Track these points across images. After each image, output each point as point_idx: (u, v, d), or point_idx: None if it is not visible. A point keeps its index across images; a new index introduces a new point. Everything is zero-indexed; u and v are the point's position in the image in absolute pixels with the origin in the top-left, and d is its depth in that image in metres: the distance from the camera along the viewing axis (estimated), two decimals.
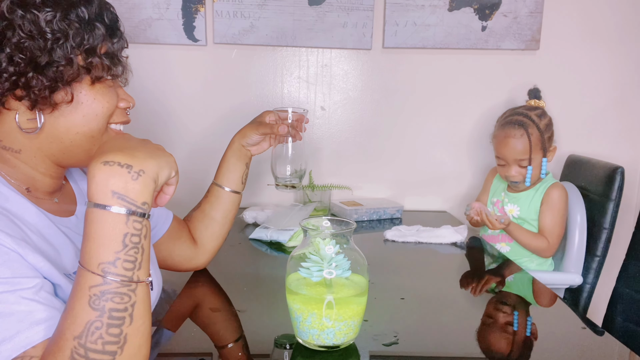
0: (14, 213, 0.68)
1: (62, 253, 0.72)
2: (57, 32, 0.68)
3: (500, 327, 0.95)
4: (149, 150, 0.65)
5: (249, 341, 0.87)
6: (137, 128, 2.05)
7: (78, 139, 0.74)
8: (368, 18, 1.79)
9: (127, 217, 0.60)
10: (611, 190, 1.53)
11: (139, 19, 1.74)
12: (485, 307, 1.05)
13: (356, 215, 1.71)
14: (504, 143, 1.54)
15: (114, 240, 0.59)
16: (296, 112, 1.13)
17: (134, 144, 0.66)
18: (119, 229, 0.60)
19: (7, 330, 0.58)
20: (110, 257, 0.59)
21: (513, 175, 1.55)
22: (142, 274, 0.62)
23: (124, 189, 0.60)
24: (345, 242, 0.80)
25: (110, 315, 0.58)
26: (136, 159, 0.62)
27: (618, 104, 1.92)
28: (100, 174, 0.60)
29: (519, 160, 1.52)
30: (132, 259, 0.60)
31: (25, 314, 0.60)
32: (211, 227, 1.10)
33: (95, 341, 0.57)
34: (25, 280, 0.61)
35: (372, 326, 0.90)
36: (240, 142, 1.11)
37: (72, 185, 0.87)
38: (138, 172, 0.61)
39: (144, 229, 0.62)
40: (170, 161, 0.67)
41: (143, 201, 0.62)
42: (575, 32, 1.87)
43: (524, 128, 1.51)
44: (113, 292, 0.59)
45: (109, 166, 0.61)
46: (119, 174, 0.60)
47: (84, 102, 0.73)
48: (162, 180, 0.66)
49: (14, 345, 0.58)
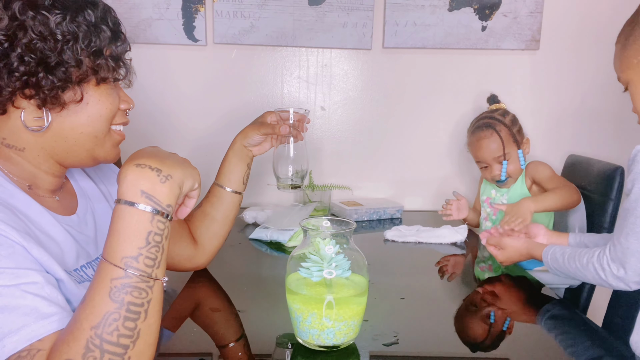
0: (18, 209, 0.69)
1: (65, 250, 0.74)
2: (67, 33, 0.70)
3: (500, 327, 0.95)
4: (176, 160, 0.70)
5: (249, 341, 0.87)
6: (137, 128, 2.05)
7: (82, 139, 0.76)
8: (368, 18, 1.79)
9: (152, 215, 0.63)
10: (611, 190, 1.53)
11: (139, 19, 1.74)
12: (485, 307, 1.05)
13: (356, 215, 1.71)
14: (477, 146, 1.60)
15: (138, 236, 0.62)
16: (297, 112, 1.13)
17: (164, 154, 0.70)
18: (143, 226, 0.63)
19: (14, 322, 0.59)
20: (133, 252, 0.62)
21: (497, 174, 1.59)
22: (159, 272, 0.64)
23: (152, 189, 0.64)
24: (345, 242, 0.80)
25: (128, 308, 0.60)
26: (165, 165, 0.66)
27: (618, 104, 1.92)
28: (131, 174, 0.64)
29: (497, 157, 1.57)
30: (153, 256, 0.63)
31: (31, 308, 0.60)
32: (212, 227, 1.11)
33: (112, 332, 0.59)
34: (30, 273, 0.62)
35: (372, 326, 0.90)
36: (242, 142, 1.11)
37: (73, 184, 0.87)
38: (166, 177, 0.65)
39: (166, 230, 0.65)
40: (194, 173, 0.71)
41: (168, 203, 0.65)
42: (575, 32, 1.87)
43: (492, 127, 1.58)
44: (133, 286, 0.61)
45: (141, 168, 0.64)
46: (148, 176, 0.64)
47: (90, 102, 0.75)
48: (186, 189, 0.69)
49: (20, 338, 0.59)
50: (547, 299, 1.10)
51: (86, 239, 0.81)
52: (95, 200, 0.89)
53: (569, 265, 1.07)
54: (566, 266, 1.08)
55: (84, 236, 0.80)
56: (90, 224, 0.84)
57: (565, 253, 1.09)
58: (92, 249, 0.81)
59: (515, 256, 1.22)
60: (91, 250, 0.80)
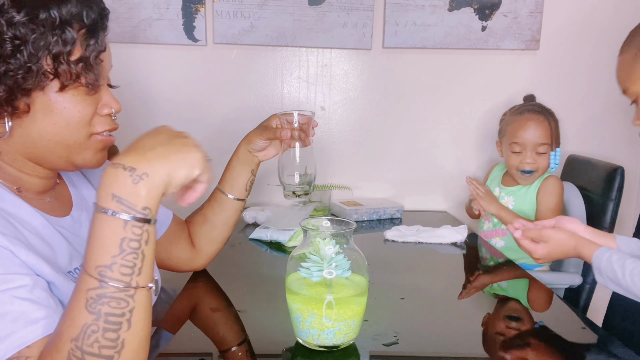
0: (8, 212, 0.68)
1: (57, 252, 0.72)
2: (19, 36, 0.64)
3: (500, 327, 0.95)
4: (165, 151, 0.62)
5: (249, 341, 0.87)
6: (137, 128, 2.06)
7: (52, 146, 0.71)
8: (368, 18, 1.79)
9: (124, 221, 0.58)
10: (611, 190, 1.53)
11: (139, 19, 1.74)
12: (485, 307, 1.05)
13: (356, 215, 1.71)
14: (524, 127, 1.54)
15: (111, 244, 0.58)
16: (303, 115, 1.06)
17: (152, 143, 0.63)
18: (116, 233, 0.58)
19: (2, 330, 0.58)
20: (107, 261, 0.58)
21: (528, 163, 1.53)
22: (142, 279, 0.60)
23: (123, 192, 0.58)
24: (345, 242, 0.80)
25: (107, 319, 0.57)
26: (144, 161, 0.60)
27: (618, 104, 1.92)
28: (105, 176, 0.59)
29: (539, 145, 1.53)
30: (131, 264, 0.59)
31: (19, 314, 0.59)
32: (211, 233, 1.08)
33: (92, 344, 0.56)
34: (17, 278, 0.61)
35: (372, 326, 0.90)
36: (246, 147, 1.06)
37: (68, 185, 0.85)
38: (140, 176, 0.59)
39: (145, 234, 0.59)
40: (189, 160, 0.63)
41: (144, 206, 0.59)
42: (575, 32, 1.87)
43: (545, 114, 1.55)
44: (109, 296, 0.57)
45: (114, 169, 0.59)
46: (121, 177, 0.59)
47: (54, 110, 0.68)
48: (178, 182, 0.62)
49: (8, 346, 0.58)
50: (547, 299, 1.10)
51: (81, 240, 0.78)
52: (91, 201, 0.86)
53: (632, 281, 0.88)
54: (627, 282, 0.89)
55: (78, 238, 0.78)
56: (85, 226, 0.81)
57: (625, 266, 0.90)
58: None
59: (558, 252, 1.02)
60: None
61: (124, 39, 1.73)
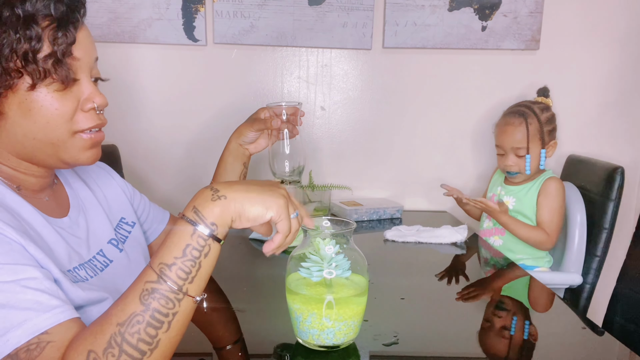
0: (11, 209, 0.68)
1: (55, 252, 0.72)
2: None
3: (500, 327, 0.95)
4: (251, 189, 0.66)
5: (249, 341, 0.87)
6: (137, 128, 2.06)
7: (38, 145, 0.71)
8: (368, 18, 1.79)
9: (194, 229, 0.62)
10: (611, 190, 1.53)
11: (139, 19, 1.74)
12: (485, 307, 1.05)
13: (356, 215, 1.71)
14: (502, 131, 1.59)
15: (177, 247, 0.62)
16: (290, 104, 1.11)
17: (249, 183, 0.68)
18: (184, 238, 0.62)
19: (16, 317, 0.58)
20: (169, 260, 0.62)
21: (510, 165, 1.57)
22: (192, 288, 0.62)
23: (202, 205, 0.64)
24: (345, 242, 0.80)
25: (153, 315, 0.60)
26: (230, 189, 0.65)
27: (618, 104, 1.92)
28: (197, 192, 0.66)
29: (516, 148, 1.56)
30: (187, 270, 0.62)
31: (32, 302, 0.60)
32: None
33: (133, 334, 0.58)
34: (30, 269, 0.61)
35: (372, 326, 0.90)
36: (237, 141, 1.10)
37: (65, 186, 0.85)
38: (219, 196, 0.64)
39: (207, 247, 0.63)
40: (268, 202, 0.66)
41: (212, 221, 0.63)
42: (575, 32, 1.87)
43: (524, 117, 1.56)
44: (162, 293, 0.60)
45: (207, 189, 0.66)
46: (205, 194, 0.65)
47: (32, 108, 0.68)
48: (249, 216, 0.65)
49: (24, 331, 0.58)
50: (547, 299, 1.10)
51: (78, 241, 0.78)
52: (87, 202, 0.86)
53: None
54: None
55: (76, 238, 0.78)
56: (82, 226, 0.81)
57: None
58: (84, 251, 0.78)
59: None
60: (83, 252, 0.78)
61: (124, 39, 1.73)
